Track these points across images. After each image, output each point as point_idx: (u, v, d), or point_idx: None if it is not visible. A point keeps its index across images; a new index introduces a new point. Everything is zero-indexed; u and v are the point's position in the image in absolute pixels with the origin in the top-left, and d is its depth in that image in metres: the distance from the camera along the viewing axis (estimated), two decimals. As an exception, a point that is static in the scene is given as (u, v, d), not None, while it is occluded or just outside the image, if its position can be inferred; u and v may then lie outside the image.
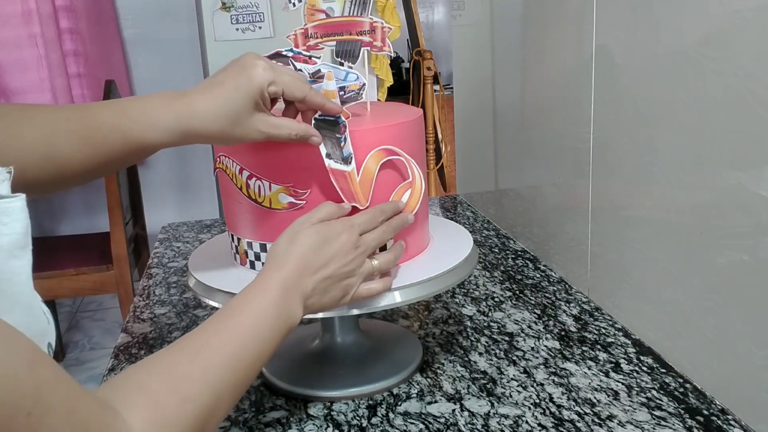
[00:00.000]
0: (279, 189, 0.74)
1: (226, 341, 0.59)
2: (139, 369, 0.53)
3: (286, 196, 0.74)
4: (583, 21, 0.98)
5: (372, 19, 0.81)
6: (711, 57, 0.72)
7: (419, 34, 2.66)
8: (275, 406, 0.80)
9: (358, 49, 0.82)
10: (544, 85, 1.17)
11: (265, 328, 0.62)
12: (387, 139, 0.75)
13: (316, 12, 0.82)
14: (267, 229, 0.77)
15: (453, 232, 0.91)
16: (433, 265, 0.79)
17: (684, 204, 0.79)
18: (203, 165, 3.30)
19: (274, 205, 0.75)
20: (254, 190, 0.76)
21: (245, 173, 0.76)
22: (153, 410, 0.50)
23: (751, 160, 0.68)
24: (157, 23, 3.12)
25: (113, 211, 2.21)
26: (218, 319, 0.61)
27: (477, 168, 1.59)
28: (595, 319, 0.96)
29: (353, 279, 0.70)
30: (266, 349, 0.62)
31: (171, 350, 0.56)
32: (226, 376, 0.57)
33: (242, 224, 0.79)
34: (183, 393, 0.52)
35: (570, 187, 1.07)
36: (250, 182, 0.75)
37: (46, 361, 0.42)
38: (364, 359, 0.87)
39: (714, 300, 0.75)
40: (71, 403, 0.42)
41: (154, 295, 1.16)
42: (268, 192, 0.75)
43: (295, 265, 0.66)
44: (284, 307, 0.64)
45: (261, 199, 0.75)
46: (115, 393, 0.49)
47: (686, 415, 0.73)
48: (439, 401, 0.79)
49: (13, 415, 0.38)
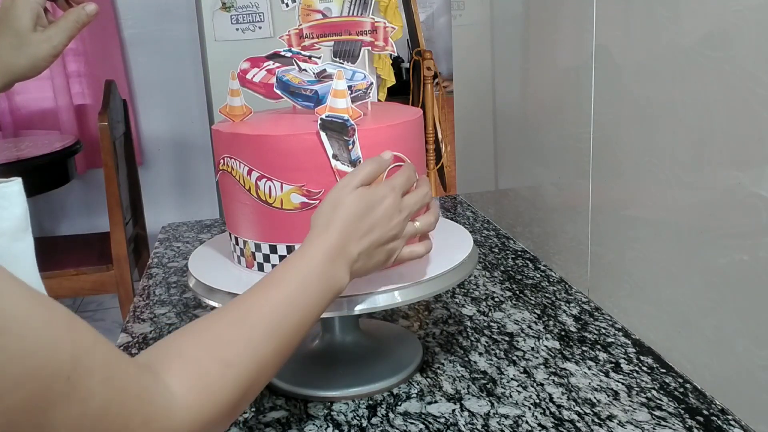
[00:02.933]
0: (291, 189, 0.74)
1: (270, 309, 0.57)
2: (181, 335, 0.53)
3: (298, 196, 0.74)
4: (583, 21, 0.98)
5: (374, 19, 0.80)
6: (711, 56, 0.72)
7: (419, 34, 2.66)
8: (275, 406, 0.80)
9: (358, 49, 0.82)
10: (544, 84, 1.17)
11: (311, 296, 0.61)
12: (387, 140, 0.75)
13: (312, 12, 0.82)
14: (278, 230, 0.76)
15: (453, 232, 0.91)
16: (433, 265, 0.79)
17: (684, 204, 0.79)
18: (203, 165, 3.30)
19: (285, 206, 0.75)
20: (264, 191, 0.75)
21: (254, 174, 0.75)
22: (194, 374, 0.49)
23: (751, 159, 0.68)
24: (156, 23, 3.13)
25: (113, 210, 2.21)
26: (262, 288, 0.59)
27: (477, 168, 1.59)
28: (595, 319, 0.96)
29: (397, 242, 0.69)
30: (311, 317, 0.61)
31: (213, 317, 0.55)
32: (269, 343, 0.56)
33: (249, 226, 0.78)
34: (225, 358, 0.52)
35: (570, 186, 1.07)
36: (260, 183, 0.75)
37: (84, 326, 0.42)
38: (364, 359, 0.87)
39: (714, 300, 0.75)
40: (110, 367, 0.42)
41: (154, 295, 1.16)
42: (279, 193, 0.74)
43: (340, 232, 0.65)
44: (330, 275, 0.63)
45: (271, 200, 0.75)
46: (155, 358, 0.49)
47: (686, 415, 0.73)
48: (439, 401, 0.79)
49: (52, 380, 0.38)
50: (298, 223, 0.73)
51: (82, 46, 2.99)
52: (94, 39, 3.01)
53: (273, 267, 0.76)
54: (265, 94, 0.85)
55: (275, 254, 0.77)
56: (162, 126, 3.27)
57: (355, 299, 0.73)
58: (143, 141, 3.27)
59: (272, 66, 0.84)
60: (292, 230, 0.75)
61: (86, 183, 3.18)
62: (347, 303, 0.72)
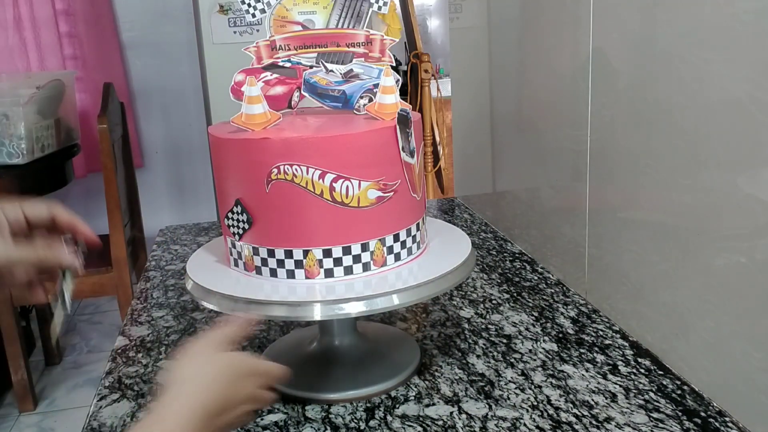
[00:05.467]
0: (369, 185, 0.74)
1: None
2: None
3: (375, 191, 0.75)
4: (579, 24, 0.98)
5: (368, 32, 0.80)
6: (707, 60, 0.72)
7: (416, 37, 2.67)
8: (273, 409, 0.80)
9: (349, 59, 0.82)
10: (541, 87, 1.17)
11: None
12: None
13: (288, 24, 0.81)
14: (351, 229, 0.76)
15: (450, 234, 0.91)
16: (430, 267, 0.79)
17: (681, 206, 0.79)
18: (201, 168, 3.30)
19: (362, 204, 0.75)
20: (341, 191, 0.74)
21: (329, 176, 0.74)
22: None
23: (747, 162, 0.68)
24: (155, 26, 3.13)
25: (112, 213, 2.21)
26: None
27: (475, 170, 1.60)
28: (593, 321, 0.96)
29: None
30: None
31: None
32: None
33: (314, 233, 0.76)
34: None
35: (567, 189, 1.07)
36: (336, 185, 0.74)
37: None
38: (362, 362, 0.87)
39: (711, 302, 0.75)
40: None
41: (152, 298, 1.16)
42: (357, 191, 0.74)
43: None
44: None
45: (348, 200, 0.75)
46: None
47: (684, 417, 0.73)
48: (437, 404, 0.79)
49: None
50: (371, 219, 0.75)
51: (81, 49, 2.99)
52: (93, 42, 3.01)
53: (344, 270, 0.76)
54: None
55: (348, 255, 0.76)
56: (160, 128, 3.27)
57: (353, 302, 0.73)
58: (141, 143, 3.27)
59: (270, 77, 0.83)
60: (366, 227, 0.76)
61: (85, 186, 3.18)
62: (345, 306, 0.73)
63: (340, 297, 0.73)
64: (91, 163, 3.06)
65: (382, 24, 0.82)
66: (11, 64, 2.87)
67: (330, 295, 0.74)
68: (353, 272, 0.76)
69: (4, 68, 2.85)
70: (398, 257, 0.78)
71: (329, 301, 0.73)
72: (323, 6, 0.80)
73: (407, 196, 0.78)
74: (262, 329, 1.00)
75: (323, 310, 0.73)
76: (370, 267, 0.76)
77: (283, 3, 0.80)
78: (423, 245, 0.83)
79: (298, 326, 1.00)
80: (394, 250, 0.78)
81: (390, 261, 0.78)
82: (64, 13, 2.91)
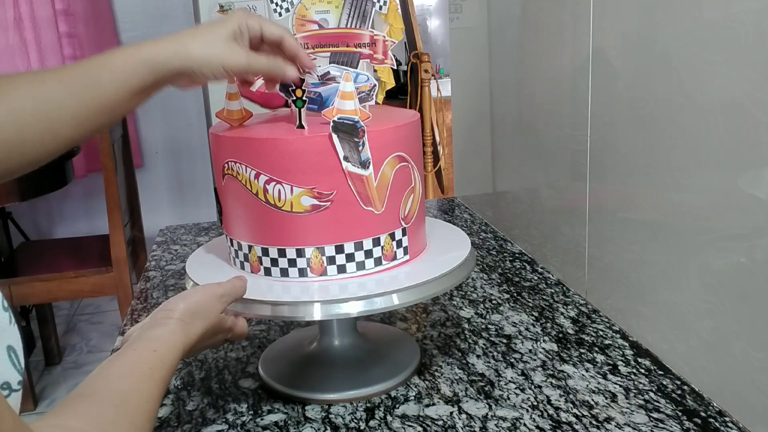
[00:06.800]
0: (302, 192, 0.74)
1: (141, 392, 0.59)
2: (66, 412, 0.53)
3: (309, 198, 0.74)
4: (579, 24, 0.98)
5: (373, 32, 0.80)
6: (707, 60, 0.72)
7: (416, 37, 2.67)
8: (273, 409, 0.80)
9: (356, 60, 0.81)
10: (541, 87, 1.17)
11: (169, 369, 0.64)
12: (386, 142, 0.75)
13: (307, 23, 0.82)
14: (287, 233, 0.76)
15: (450, 234, 0.91)
16: (430, 267, 0.79)
17: (681, 206, 0.79)
18: (200, 168, 3.30)
19: (295, 209, 0.74)
20: (273, 194, 0.75)
21: (263, 178, 0.74)
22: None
23: (747, 162, 0.68)
24: (154, 26, 3.13)
25: (113, 213, 2.21)
26: (141, 377, 0.61)
27: (474, 170, 1.60)
28: (593, 321, 0.96)
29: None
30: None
31: (94, 399, 0.56)
32: (147, 423, 0.58)
33: (256, 231, 0.78)
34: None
35: (567, 189, 1.08)
36: (269, 187, 0.74)
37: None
38: (361, 362, 0.87)
39: (711, 302, 0.75)
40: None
41: (152, 298, 1.16)
42: (289, 196, 0.74)
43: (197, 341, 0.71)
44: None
45: (281, 204, 0.75)
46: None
47: (684, 417, 0.73)
48: (437, 404, 0.79)
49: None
50: (308, 226, 0.73)
51: (80, 49, 2.99)
52: (92, 42, 3.01)
53: (281, 271, 0.77)
54: (262, 103, 0.85)
55: (284, 257, 0.77)
56: (160, 128, 3.27)
57: (353, 302, 0.73)
58: (141, 143, 3.27)
59: None
60: (301, 233, 0.75)
61: (85, 186, 3.18)
62: (345, 306, 0.73)
63: (340, 297, 0.73)
64: (91, 163, 3.06)
65: (384, 24, 0.82)
66: (11, 64, 2.87)
67: (327, 295, 0.74)
68: (288, 275, 0.77)
69: (5, 68, 2.85)
70: (342, 269, 0.76)
71: (329, 300, 0.73)
72: (335, 5, 0.81)
73: (355, 208, 0.75)
74: (262, 329, 1.00)
75: (323, 309, 0.73)
76: (307, 273, 0.76)
77: (303, 2, 0.81)
78: (395, 261, 0.80)
79: (298, 326, 1.00)
80: (336, 261, 0.76)
81: (331, 272, 0.76)
82: (64, 13, 2.91)
